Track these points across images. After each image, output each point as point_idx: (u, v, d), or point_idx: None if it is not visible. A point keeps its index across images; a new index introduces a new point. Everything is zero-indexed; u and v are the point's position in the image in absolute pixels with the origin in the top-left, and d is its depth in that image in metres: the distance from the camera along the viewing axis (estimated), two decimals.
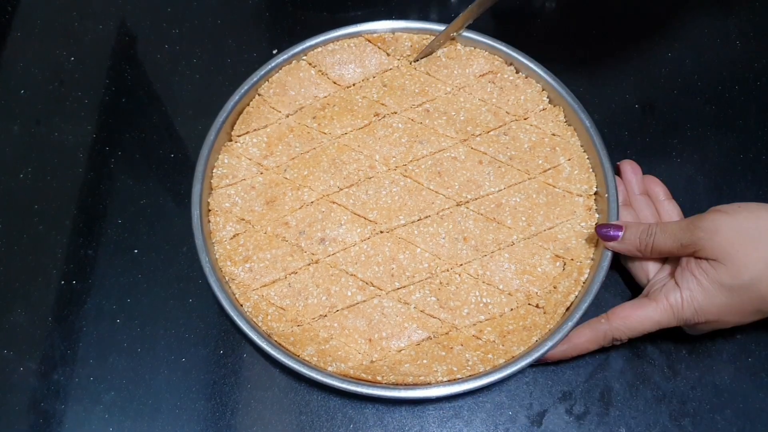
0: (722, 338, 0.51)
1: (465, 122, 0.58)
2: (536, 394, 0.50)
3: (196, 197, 0.54)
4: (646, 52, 0.64)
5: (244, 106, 0.59)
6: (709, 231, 0.44)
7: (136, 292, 0.54)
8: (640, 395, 0.50)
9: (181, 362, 0.52)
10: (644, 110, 0.47)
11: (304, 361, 0.48)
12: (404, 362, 0.49)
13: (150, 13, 0.68)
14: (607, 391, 0.50)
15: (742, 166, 0.58)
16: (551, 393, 0.50)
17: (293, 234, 0.54)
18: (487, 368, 0.48)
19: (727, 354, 0.51)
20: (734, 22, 0.65)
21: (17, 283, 0.55)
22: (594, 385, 0.50)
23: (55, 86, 0.64)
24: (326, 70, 0.60)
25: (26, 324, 0.53)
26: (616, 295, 0.53)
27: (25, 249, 0.56)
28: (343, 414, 0.50)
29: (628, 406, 0.50)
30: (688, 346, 0.51)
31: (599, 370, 0.51)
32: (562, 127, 0.57)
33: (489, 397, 0.50)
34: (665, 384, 0.50)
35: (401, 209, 0.54)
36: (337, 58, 0.60)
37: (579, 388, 0.50)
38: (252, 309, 0.51)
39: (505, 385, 0.51)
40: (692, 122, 0.60)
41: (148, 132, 0.61)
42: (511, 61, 0.59)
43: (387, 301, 0.51)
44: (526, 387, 0.51)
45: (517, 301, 0.51)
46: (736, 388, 0.50)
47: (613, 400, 0.50)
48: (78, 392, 0.51)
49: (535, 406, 0.50)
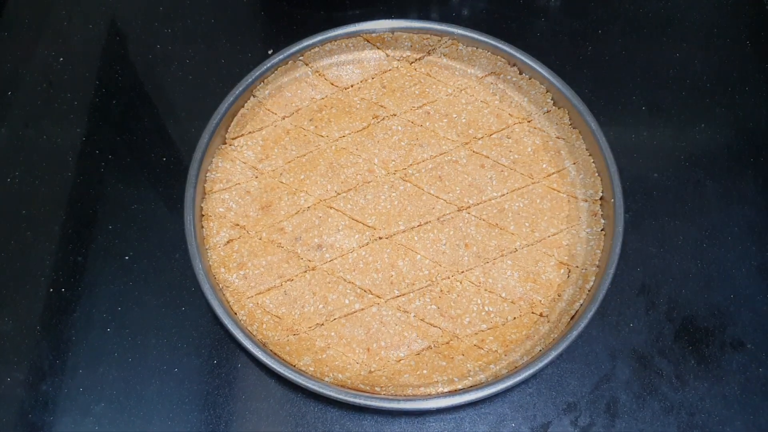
0: (732, 348, 0.51)
1: (466, 125, 0.58)
2: (540, 405, 0.50)
3: (189, 202, 0.53)
4: (654, 52, 0.64)
5: (239, 108, 0.58)
6: None
7: (127, 300, 0.54)
8: (648, 406, 0.49)
9: (174, 372, 0.51)
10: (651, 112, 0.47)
11: (300, 371, 0.48)
12: (404, 372, 0.49)
13: (141, 12, 0.67)
14: (613, 402, 0.50)
15: (752, 170, 0.58)
16: (555, 404, 0.50)
17: (289, 240, 0.53)
18: (489, 378, 0.48)
19: (737, 364, 0.50)
20: (744, 22, 0.65)
21: (4, 290, 0.54)
22: (599, 396, 0.50)
23: (43, 87, 0.63)
24: (323, 71, 0.60)
25: (13, 333, 0.52)
26: (622, 304, 0.53)
27: (13, 255, 0.55)
28: (341, 426, 0.50)
29: (635, 417, 0.49)
30: (696, 356, 0.51)
31: (605, 380, 0.50)
32: (567, 130, 0.57)
33: (491, 409, 0.50)
34: (673, 395, 0.50)
35: (401, 214, 0.54)
36: (335, 58, 0.60)
37: (584, 399, 0.50)
38: (247, 317, 0.51)
39: (508, 396, 0.50)
40: (701, 124, 0.60)
41: (139, 135, 0.61)
42: (515, 62, 0.59)
43: (386, 310, 0.51)
44: (529, 398, 0.50)
45: (520, 310, 0.51)
46: (746, 399, 0.49)
47: (619, 411, 0.49)
48: (67, 403, 0.50)
49: (538, 418, 0.50)
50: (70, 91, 0.63)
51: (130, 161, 0.59)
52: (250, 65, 0.59)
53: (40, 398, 0.50)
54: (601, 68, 0.52)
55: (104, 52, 0.65)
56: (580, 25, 0.65)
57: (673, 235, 0.53)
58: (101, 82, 0.63)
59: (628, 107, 0.60)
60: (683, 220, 0.56)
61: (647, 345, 0.51)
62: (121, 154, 0.60)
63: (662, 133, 0.60)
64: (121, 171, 0.59)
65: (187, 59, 0.64)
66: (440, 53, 0.60)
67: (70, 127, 0.61)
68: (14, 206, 0.57)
